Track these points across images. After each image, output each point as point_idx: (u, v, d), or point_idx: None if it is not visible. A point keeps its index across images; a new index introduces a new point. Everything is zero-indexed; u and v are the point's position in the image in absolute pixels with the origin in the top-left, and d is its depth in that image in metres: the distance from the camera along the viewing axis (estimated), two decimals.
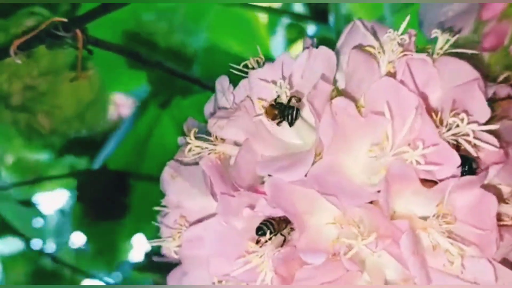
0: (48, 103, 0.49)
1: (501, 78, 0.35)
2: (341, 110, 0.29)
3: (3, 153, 0.91)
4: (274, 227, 0.30)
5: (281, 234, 0.30)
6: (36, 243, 0.93)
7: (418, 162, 0.27)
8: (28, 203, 0.91)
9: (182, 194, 0.35)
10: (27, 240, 0.87)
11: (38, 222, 0.97)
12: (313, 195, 0.29)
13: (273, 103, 0.31)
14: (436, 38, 0.33)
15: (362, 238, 0.27)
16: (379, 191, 0.28)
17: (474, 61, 0.36)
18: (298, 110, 0.30)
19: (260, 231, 0.29)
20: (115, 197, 0.55)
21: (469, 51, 0.33)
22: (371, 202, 0.28)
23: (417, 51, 0.32)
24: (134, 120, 0.67)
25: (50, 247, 1.00)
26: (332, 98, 0.30)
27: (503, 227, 0.29)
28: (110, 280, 0.87)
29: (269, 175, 0.29)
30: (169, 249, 0.34)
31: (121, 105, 0.81)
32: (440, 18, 0.38)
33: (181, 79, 0.58)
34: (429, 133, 0.28)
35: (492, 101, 0.33)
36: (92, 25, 0.49)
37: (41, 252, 0.88)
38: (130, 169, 0.60)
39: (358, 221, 0.28)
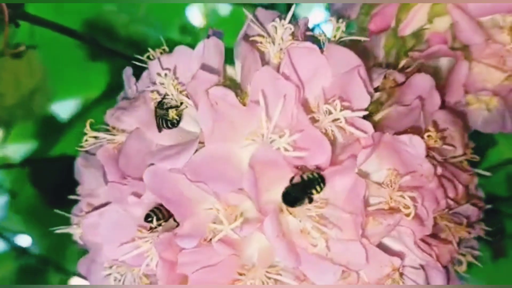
0: None
1: (401, 65, 0.36)
2: (220, 99, 0.30)
3: None
4: (163, 213, 0.31)
5: (174, 220, 0.32)
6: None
7: (286, 149, 0.29)
8: None
9: (94, 183, 0.37)
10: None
11: None
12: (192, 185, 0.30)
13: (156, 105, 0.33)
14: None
15: (229, 222, 0.28)
16: None
17: (373, 48, 0.37)
18: (164, 117, 0.32)
19: (148, 218, 0.31)
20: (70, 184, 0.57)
21: (359, 38, 0.34)
22: None
23: (314, 39, 0.34)
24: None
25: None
26: None
27: (380, 211, 0.30)
28: None
29: (151, 164, 0.31)
30: (76, 236, 0.35)
31: None
32: (334, 6, 0.39)
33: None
34: (300, 120, 0.29)
35: (386, 88, 0.34)
36: (51, 12, 0.50)
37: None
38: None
39: (234, 205, 0.30)
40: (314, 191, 0.29)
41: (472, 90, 0.37)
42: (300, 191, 0.29)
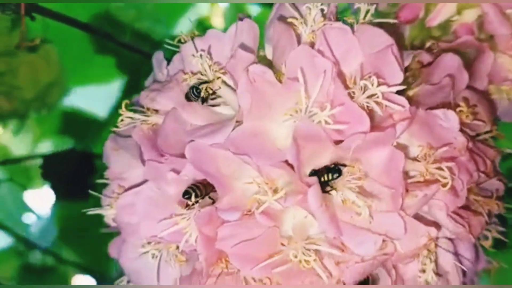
0: (7, 84, 0.51)
1: (427, 46, 0.37)
2: (259, 76, 0.31)
3: None
4: (201, 190, 0.32)
5: (210, 198, 0.32)
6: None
7: (327, 122, 0.30)
8: None
9: (124, 165, 0.37)
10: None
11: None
12: (234, 158, 0.31)
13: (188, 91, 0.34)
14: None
15: (272, 194, 0.29)
16: None
17: (395, 33, 0.38)
18: (197, 89, 0.33)
19: (186, 194, 0.32)
20: (81, 177, 0.58)
21: (388, 20, 0.35)
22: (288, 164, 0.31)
23: (343, 22, 0.35)
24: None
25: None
26: None
27: (415, 184, 0.31)
28: None
29: (192, 141, 0.31)
30: (108, 217, 0.36)
31: None
32: None
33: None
34: (339, 95, 0.30)
35: (412, 68, 0.35)
36: (60, 8, 0.51)
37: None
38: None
39: (273, 179, 0.30)
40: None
41: (496, 80, 0.38)
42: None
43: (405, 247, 0.31)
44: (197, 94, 0.34)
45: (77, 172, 0.59)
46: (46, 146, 0.84)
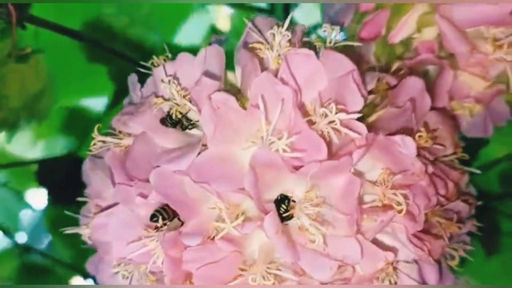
0: None
1: (394, 68, 0.38)
2: (222, 103, 0.32)
3: None
4: (168, 213, 0.33)
5: (178, 219, 0.34)
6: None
7: (284, 150, 0.30)
8: None
9: (102, 185, 0.39)
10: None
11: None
12: (196, 185, 0.32)
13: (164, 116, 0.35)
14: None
15: (232, 220, 0.30)
16: None
17: (365, 54, 0.39)
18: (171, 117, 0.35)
19: (153, 218, 0.33)
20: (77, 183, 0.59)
21: (353, 43, 0.35)
22: None
23: (311, 46, 0.36)
24: None
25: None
26: None
27: (374, 208, 0.32)
28: None
29: (157, 166, 0.33)
30: (85, 236, 0.37)
31: None
32: (329, 13, 0.41)
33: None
34: (298, 123, 0.31)
35: (379, 90, 0.36)
36: (53, 14, 0.52)
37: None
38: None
39: (235, 204, 0.31)
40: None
41: (457, 96, 0.39)
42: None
43: (363, 270, 0.32)
44: (170, 121, 0.35)
45: (72, 178, 0.60)
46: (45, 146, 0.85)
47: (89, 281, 0.77)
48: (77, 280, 0.82)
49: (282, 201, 0.31)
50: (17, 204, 0.90)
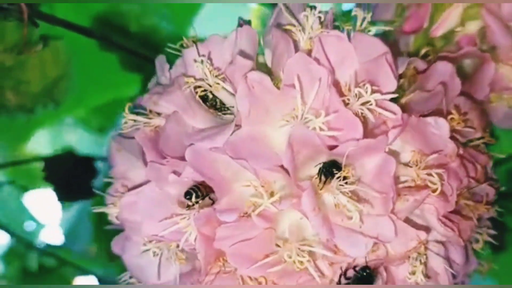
0: (14, 78, 0.53)
1: (422, 53, 0.39)
2: (257, 83, 0.33)
3: None
4: (201, 191, 0.34)
5: (210, 198, 0.34)
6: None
7: (321, 129, 0.31)
8: None
9: (127, 165, 0.39)
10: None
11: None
12: (233, 161, 0.33)
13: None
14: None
15: (268, 197, 0.31)
16: None
17: (391, 41, 0.40)
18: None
19: (187, 195, 0.34)
20: (82, 179, 0.60)
21: (384, 28, 0.36)
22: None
23: (340, 29, 0.36)
24: None
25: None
26: None
27: (406, 189, 0.33)
28: None
29: (191, 144, 0.33)
30: (112, 215, 0.38)
31: None
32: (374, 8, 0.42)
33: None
34: (334, 102, 0.32)
35: (408, 74, 0.37)
36: (62, 8, 0.53)
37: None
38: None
39: (270, 182, 0.32)
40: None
41: (497, 88, 0.40)
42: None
43: (395, 250, 0.33)
44: (208, 102, 0.36)
45: (78, 174, 0.61)
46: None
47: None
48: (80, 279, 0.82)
49: (331, 166, 0.31)
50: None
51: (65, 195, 0.64)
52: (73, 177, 0.62)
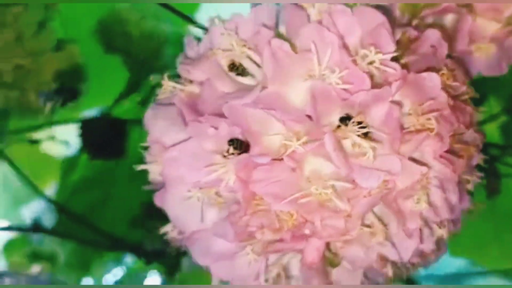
0: (35, 80, 0.60)
1: (414, 23, 0.46)
2: (278, 48, 0.40)
3: None
4: (239, 143, 0.40)
5: (245, 152, 0.41)
6: None
7: (336, 83, 0.38)
8: None
9: (163, 131, 0.46)
10: None
11: None
12: (262, 115, 0.40)
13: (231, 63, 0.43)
14: None
15: (296, 140, 0.38)
16: None
17: (388, 14, 0.48)
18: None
19: (231, 142, 0.40)
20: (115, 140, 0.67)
21: (381, 3, 0.44)
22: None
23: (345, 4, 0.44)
24: None
25: None
26: None
27: (409, 133, 0.40)
28: None
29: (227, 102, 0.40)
30: (154, 172, 0.44)
31: None
32: None
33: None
34: (344, 62, 0.39)
35: (402, 42, 0.45)
36: (68, 10, 0.59)
37: None
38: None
39: (296, 131, 0.39)
40: None
41: (475, 38, 0.48)
42: None
43: (403, 183, 0.40)
44: (235, 69, 0.43)
45: (111, 135, 0.68)
46: None
47: None
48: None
49: (347, 118, 0.38)
50: None
51: (98, 153, 0.70)
52: (106, 137, 0.68)
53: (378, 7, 0.44)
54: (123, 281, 0.97)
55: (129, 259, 0.98)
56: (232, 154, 0.40)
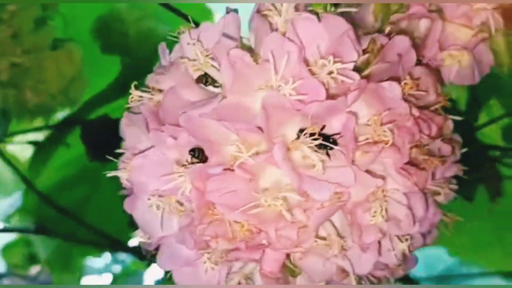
0: (33, 79, 0.62)
1: (386, 31, 0.46)
2: (238, 58, 0.40)
3: None
4: (199, 153, 0.41)
5: (205, 161, 0.42)
6: None
7: (290, 94, 0.38)
8: None
9: (135, 139, 0.47)
10: None
11: None
12: (219, 125, 0.40)
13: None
14: None
15: (246, 152, 0.38)
16: None
17: (364, 17, 0.47)
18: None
19: (191, 151, 0.41)
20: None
21: (350, 9, 0.43)
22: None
23: (312, 12, 0.43)
24: None
25: None
26: None
27: (367, 144, 0.40)
28: None
29: (184, 112, 0.41)
30: (123, 178, 0.46)
31: None
32: None
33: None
34: (301, 72, 0.39)
35: (373, 49, 0.44)
36: (68, 9, 0.61)
37: None
38: None
39: (249, 141, 0.39)
40: None
41: (446, 46, 0.46)
42: None
43: (357, 196, 0.40)
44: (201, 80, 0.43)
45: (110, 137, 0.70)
46: None
47: None
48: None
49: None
50: None
51: (97, 155, 0.72)
52: (105, 139, 0.71)
53: (349, 17, 0.43)
54: (121, 279, 0.99)
55: (128, 258, 1.00)
56: (193, 163, 0.41)
